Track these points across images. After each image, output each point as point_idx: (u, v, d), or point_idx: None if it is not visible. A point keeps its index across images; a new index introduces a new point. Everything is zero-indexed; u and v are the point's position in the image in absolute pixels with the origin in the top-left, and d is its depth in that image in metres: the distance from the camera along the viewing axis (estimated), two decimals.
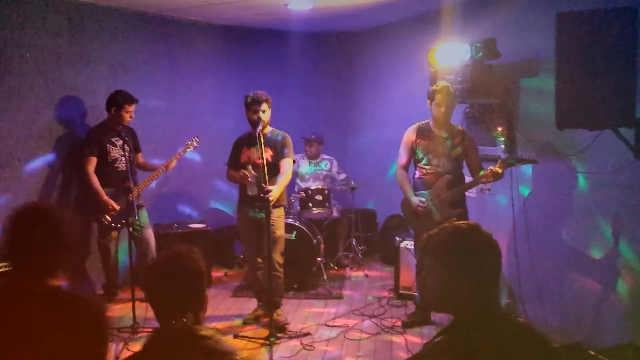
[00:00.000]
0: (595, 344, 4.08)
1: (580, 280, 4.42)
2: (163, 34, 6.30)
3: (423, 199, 4.53)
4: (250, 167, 4.60)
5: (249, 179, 4.57)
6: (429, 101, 4.59)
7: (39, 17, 5.24)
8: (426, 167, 4.59)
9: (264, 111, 4.63)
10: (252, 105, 4.64)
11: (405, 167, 4.70)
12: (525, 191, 4.88)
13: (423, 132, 4.62)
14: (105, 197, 5.13)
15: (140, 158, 5.59)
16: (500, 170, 4.26)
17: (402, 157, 4.70)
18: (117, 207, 5.12)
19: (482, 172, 4.39)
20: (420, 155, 4.62)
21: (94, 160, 5.19)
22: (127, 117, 5.25)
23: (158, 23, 6.21)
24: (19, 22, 5.11)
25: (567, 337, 4.29)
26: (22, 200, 5.24)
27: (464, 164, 4.71)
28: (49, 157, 5.41)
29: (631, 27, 3.28)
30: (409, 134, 4.69)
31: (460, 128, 4.73)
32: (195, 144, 5.55)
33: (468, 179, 4.63)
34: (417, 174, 4.68)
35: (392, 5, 5.76)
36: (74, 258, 5.62)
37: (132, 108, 5.26)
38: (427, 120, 4.65)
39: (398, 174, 4.70)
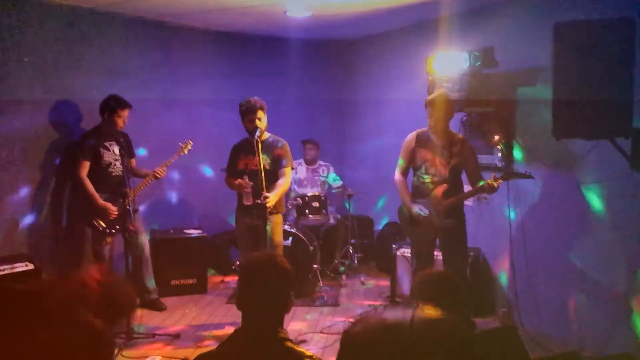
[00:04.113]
0: (592, 354, 4.07)
1: (577, 290, 4.42)
2: (162, 39, 6.31)
3: (422, 207, 4.52)
4: (247, 177, 4.57)
5: (246, 189, 4.55)
6: (426, 109, 4.59)
7: (37, 21, 5.24)
8: (424, 175, 4.58)
9: (259, 119, 4.61)
10: (246, 114, 4.63)
11: (404, 174, 4.69)
12: (522, 200, 4.88)
13: (422, 140, 4.61)
14: (102, 202, 5.11)
15: (134, 164, 5.56)
16: (495, 185, 4.25)
17: (401, 164, 4.69)
18: (115, 211, 5.11)
19: (480, 184, 4.37)
20: (418, 163, 4.61)
21: (86, 165, 5.17)
22: (119, 122, 5.22)
23: (157, 29, 6.21)
24: (17, 27, 5.10)
25: (564, 347, 4.28)
26: (16, 205, 5.23)
27: (463, 173, 4.70)
28: (46, 161, 5.39)
29: (628, 37, 3.30)
30: (408, 141, 4.67)
31: (461, 137, 4.72)
32: (189, 147, 5.51)
33: (467, 187, 4.63)
34: (415, 181, 4.67)
35: (391, 14, 5.78)
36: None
37: (125, 113, 5.24)
38: (426, 128, 4.64)
39: (396, 180, 4.69)
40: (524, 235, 4.82)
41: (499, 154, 5.05)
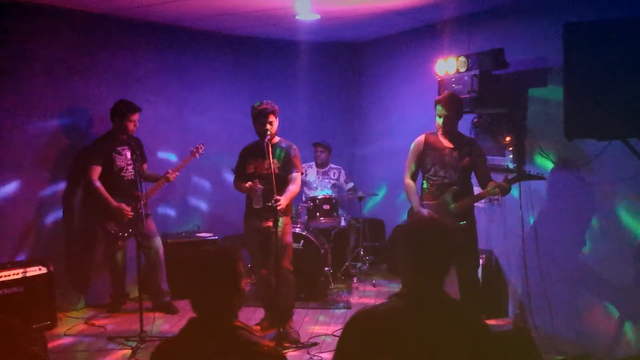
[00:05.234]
0: (605, 356, 4.04)
1: (590, 291, 4.38)
2: (172, 43, 6.34)
3: (432, 210, 4.51)
4: (257, 180, 4.59)
5: (257, 192, 4.56)
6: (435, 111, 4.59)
7: (49, 27, 5.30)
8: (433, 177, 4.56)
9: (270, 123, 4.63)
10: (258, 118, 4.65)
11: (413, 177, 4.68)
12: (534, 202, 4.86)
13: (431, 142, 4.60)
14: (116, 204, 5.15)
15: (145, 168, 5.60)
16: (507, 186, 4.24)
17: (410, 166, 4.68)
18: (130, 211, 5.14)
19: (489, 187, 4.35)
20: (427, 166, 4.60)
21: (98, 169, 5.21)
22: (130, 126, 5.26)
23: (167, 33, 6.25)
24: (29, 33, 5.17)
25: (577, 349, 4.25)
26: (29, 210, 5.28)
27: (473, 174, 4.68)
28: (58, 166, 5.44)
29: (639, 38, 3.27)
30: (417, 144, 4.67)
31: (469, 138, 4.71)
32: (200, 151, 5.56)
33: (477, 189, 4.61)
34: (425, 184, 4.65)
35: (400, 16, 5.78)
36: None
37: (135, 117, 5.27)
38: (435, 131, 4.64)
39: (405, 184, 4.68)
40: (536, 237, 4.80)
41: (510, 156, 5.02)
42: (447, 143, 4.54)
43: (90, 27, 5.60)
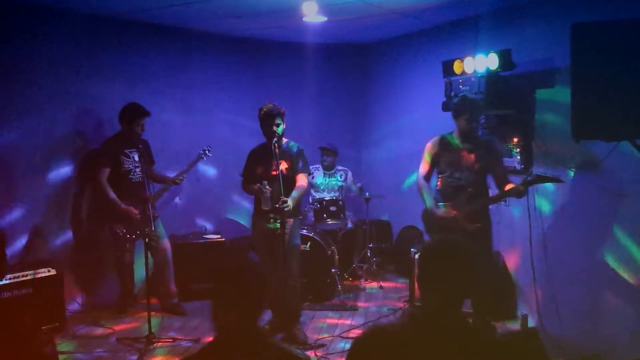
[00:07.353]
0: (615, 358, 4.02)
1: (598, 292, 4.36)
2: (180, 46, 6.37)
3: (446, 211, 4.46)
4: (266, 182, 4.59)
5: (265, 194, 4.57)
6: (454, 114, 4.49)
7: (58, 30, 5.34)
8: (448, 179, 4.50)
9: (278, 125, 4.64)
10: (266, 120, 4.66)
11: (427, 178, 4.62)
12: (542, 202, 4.84)
13: (446, 144, 4.55)
14: (123, 206, 5.18)
15: (153, 170, 5.62)
16: (522, 189, 4.20)
17: (424, 167, 4.61)
18: (137, 213, 5.16)
19: (506, 189, 4.31)
20: (443, 167, 4.56)
21: (107, 172, 5.25)
22: (138, 129, 5.30)
23: (175, 35, 6.28)
24: (38, 35, 5.20)
25: (585, 351, 4.23)
26: (37, 211, 5.30)
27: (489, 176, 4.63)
28: (66, 168, 5.48)
29: None
30: (431, 145, 4.60)
31: (486, 139, 4.66)
32: (207, 153, 5.59)
33: (492, 191, 4.58)
34: (439, 185, 4.61)
35: (407, 17, 5.78)
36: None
37: (142, 121, 5.31)
38: (451, 132, 4.60)
39: (419, 184, 4.61)
40: (544, 237, 4.78)
41: (518, 157, 5.01)
42: (464, 145, 4.48)
43: (97, 29, 5.63)
